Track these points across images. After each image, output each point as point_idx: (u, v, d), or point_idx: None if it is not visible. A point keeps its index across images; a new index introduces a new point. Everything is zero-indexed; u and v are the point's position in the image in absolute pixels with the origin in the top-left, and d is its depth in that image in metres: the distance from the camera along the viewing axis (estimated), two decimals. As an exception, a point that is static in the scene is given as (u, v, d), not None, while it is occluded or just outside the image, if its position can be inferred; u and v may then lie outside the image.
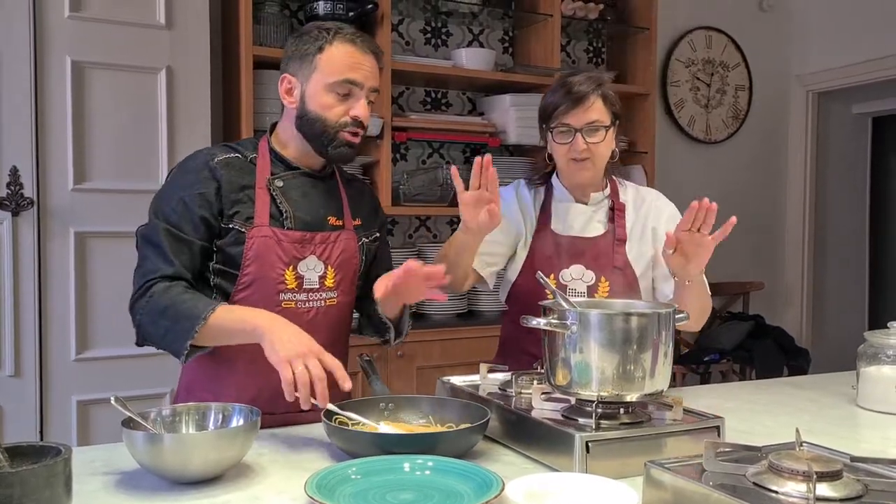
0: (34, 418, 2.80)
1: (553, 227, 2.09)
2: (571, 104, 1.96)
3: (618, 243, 2.08)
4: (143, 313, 1.66)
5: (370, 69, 1.74)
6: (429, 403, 1.65)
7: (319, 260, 1.78)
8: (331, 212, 1.83)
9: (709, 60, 4.96)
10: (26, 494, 1.06)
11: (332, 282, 1.81)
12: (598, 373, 1.41)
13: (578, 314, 1.42)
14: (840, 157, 5.39)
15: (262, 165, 1.79)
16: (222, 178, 1.73)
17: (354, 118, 1.74)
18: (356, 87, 1.73)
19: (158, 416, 1.47)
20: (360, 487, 1.25)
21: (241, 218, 1.73)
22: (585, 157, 1.99)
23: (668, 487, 1.19)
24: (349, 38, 1.73)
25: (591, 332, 1.41)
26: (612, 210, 2.12)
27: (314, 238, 1.78)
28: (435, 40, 4.07)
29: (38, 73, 2.81)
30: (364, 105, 1.74)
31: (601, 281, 2.03)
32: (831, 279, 5.36)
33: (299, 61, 1.76)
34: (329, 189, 1.87)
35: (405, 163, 3.98)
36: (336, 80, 1.72)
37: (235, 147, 1.82)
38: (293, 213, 1.76)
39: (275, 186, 1.77)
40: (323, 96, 1.73)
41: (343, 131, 1.74)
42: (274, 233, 1.73)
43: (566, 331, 1.43)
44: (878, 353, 1.93)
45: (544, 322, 1.45)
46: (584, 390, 1.43)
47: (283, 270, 1.74)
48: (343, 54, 1.72)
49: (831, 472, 1.10)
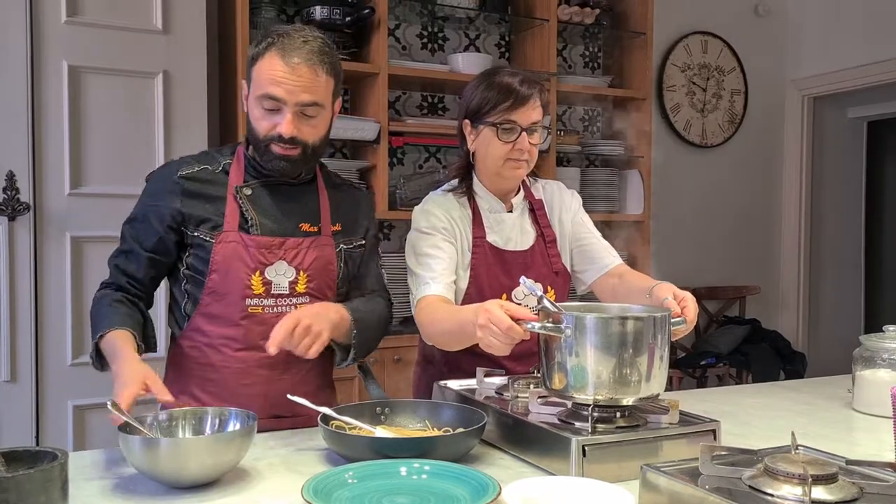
0: (30, 423, 2.80)
1: (490, 240, 1.99)
2: (517, 102, 1.89)
3: (549, 245, 2.03)
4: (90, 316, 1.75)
5: (298, 84, 1.67)
6: (425, 408, 1.65)
7: (290, 265, 1.77)
8: (304, 218, 1.82)
9: (704, 65, 4.97)
10: (22, 499, 1.06)
11: (304, 287, 1.79)
12: (594, 377, 1.41)
13: (574, 318, 1.42)
14: (836, 162, 5.40)
15: (234, 173, 1.80)
16: (186, 190, 1.76)
17: (279, 135, 1.70)
18: (280, 103, 1.68)
19: (155, 420, 1.47)
20: (357, 491, 1.25)
21: (207, 227, 1.75)
22: (525, 157, 1.93)
23: (665, 491, 1.19)
24: (279, 49, 1.67)
25: (587, 335, 1.41)
26: (532, 211, 2.06)
27: (283, 244, 1.77)
28: (431, 45, 4.08)
29: (35, 77, 2.81)
30: (288, 122, 1.68)
31: (548, 291, 1.97)
32: (827, 283, 5.37)
33: (248, 69, 1.75)
34: (304, 195, 1.85)
35: (402, 167, 3.98)
36: (260, 94, 1.69)
37: (212, 155, 1.84)
38: (259, 221, 1.76)
39: (242, 195, 1.77)
40: (254, 108, 1.72)
41: (273, 144, 1.72)
42: (241, 238, 1.74)
43: (561, 335, 1.43)
44: (873, 356, 1.94)
45: (539, 326, 1.45)
46: (580, 394, 1.43)
47: (249, 276, 1.74)
48: (268, 68, 1.67)
49: (827, 475, 1.10)
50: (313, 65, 1.68)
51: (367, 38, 3.58)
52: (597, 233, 2.10)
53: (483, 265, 1.96)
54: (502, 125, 1.90)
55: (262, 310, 1.75)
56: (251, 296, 1.74)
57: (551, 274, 2.01)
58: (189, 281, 1.79)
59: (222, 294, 1.75)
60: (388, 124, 3.57)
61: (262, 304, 1.75)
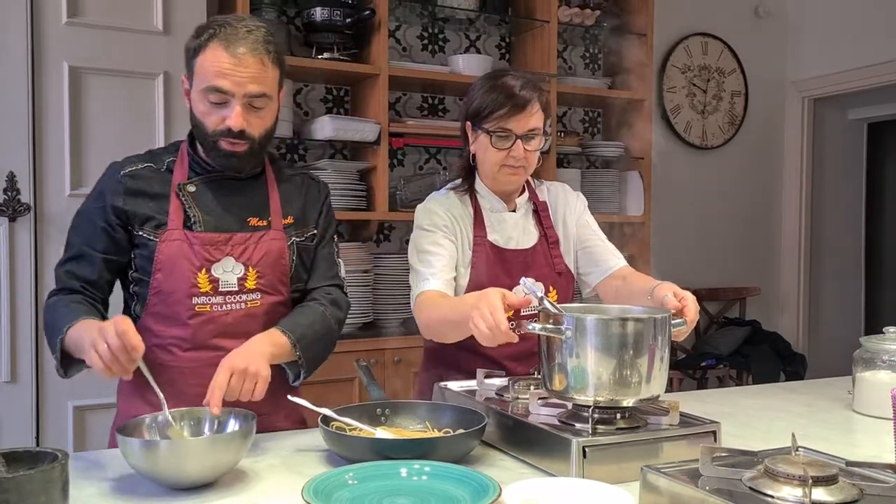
0: (30, 424, 2.80)
1: (491, 238, 1.99)
2: (513, 109, 1.88)
3: (552, 247, 2.03)
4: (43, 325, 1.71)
5: (245, 75, 1.62)
6: (426, 409, 1.65)
7: (238, 262, 1.73)
8: (252, 213, 1.78)
9: (705, 66, 4.97)
10: (23, 500, 1.06)
11: (254, 284, 1.75)
12: (594, 378, 1.41)
13: (575, 319, 1.42)
14: (836, 163, 5.40)
15: (178, 171, 1.76)
16: (129, 191, 1.72)
17: (228, 128, 1.65)
18: (227, 96, 1.63)
19: (154, 421, 1.48)
20: (357, 493, 1.25)
21: (151, 226, 1.71)
22: (521, 164, 1.92)
23: (665, 492, 1.19)
24: (222, 40, 1.62)
25: (588, 337, 1.41)
26: (537, 213, 2.06)
27: (230, 239, 1.73)
28: (432, 46, 4.08)
29: (36, 78, 2.81)
30: (237, 114, 1.64)
31: (550, 291, 1.98)
32: (827, 284, 5.37)
33: (187, 63, 1.69)
34: (252, 189, 1.81)
35: (402, 168, 3.98)
36: (205, 87, 1.64)
37: (154, 154, 1.81)
38: (202, 218, 1.72)
39: (185, 192, 1.73)
40: (199, 102, 1.67)
41: (221, 140, 1.67)
42: (185, 236, 1.70)
43: (562, 336, 1.43)
44: (873, 358, 1.94)
45: (539, 327, 1.45)
46: (580, 395, 1.43)
47: (194, 274, 1.70)
48: (213, 59, 1.62)
49: (827, 476, 1.11)
50: (259, 55, 1.64)
51: (368, 40, 3.58)
52: (601, 235, 2.10)
53: (483, 263, 1.96)
54: (496, 133, 1.90)
55: (211, 308, 1.71)
56: (198, 294, 1.70)
57: (553, 274, 2.01)
58: (136, 283, 1.75)
59: (168, 293, 1.70)
60: (388, 125, 3.57)
61: (210, 303, 1.71)
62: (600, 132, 4.59)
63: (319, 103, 3.79)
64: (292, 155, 3.74)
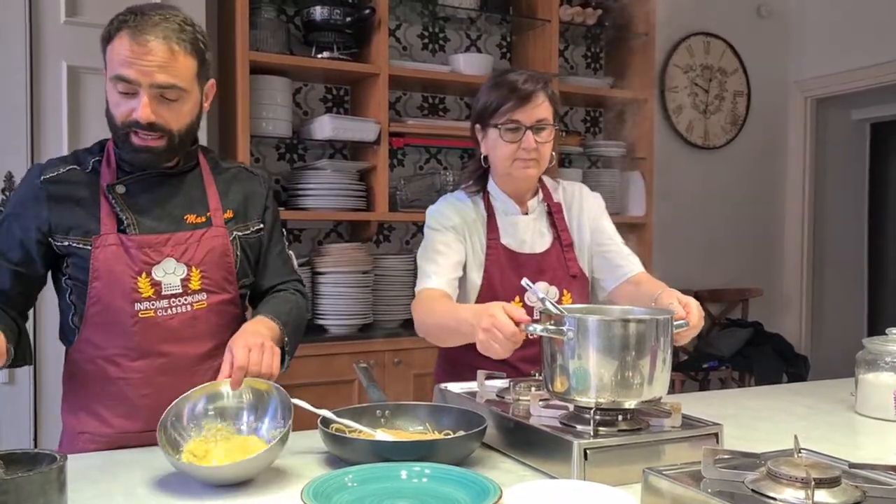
0: (28, 426, 2.79)
1: (504, 242, 1.99)
2: (519, 101, 1.88)
3: (567, 249, 2.03)
4: None
5: (152, 64, 1.53)
6: (426, 411, 1.64)
7: (179, 262, 1.65)
8: (187, 210, 1.70)
9: (707, 66, 4.96)
10: (21, 501, 1.06)
11: (199, 284, 1.67)
12: (597, 379, 1.40)
13: (576, 320, 1.41)
14: (839, 163, 5.39)
15: (105, 172, 1.67)
16: (51, 197, 1.63)
17: (136, 121, 1.56)
18: (134, 85, 1.55)
19: (192, 412, 1.49)
20: (357, 495, 1.24)
21: (78, 233, 1.62)
22: (533, 156, 1.92)
23: (667, 494, 1.18)
24: (130, 28, 1.54)
25: (589, 338, 1.40)
26: (550, 214, 2.06)
27: (169, 240, 1.65)
28: (432, 45, 4.07)
29: (34, 77, 2.81)
30: (144, 105, 1.55)
31: (563, 294, 1.98)
32: (830, 286, 5.36)
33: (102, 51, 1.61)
34: (187, 185, 1.72)
35: (402, 168, 3.98)
36: (112, 76, 1.56)
37: (79, 156, 1.71)
38: (135, 220, 1.64)
39: (115, 194, 1.64)
40: (110, 93, 1.59)
41: (131, 133, 1.58)
42: (120, 240, 1.62)
43: (563, 337, 1.41)
44: (876, 359, 1.93)
45: (541, 328, 1.44)
46: (581, 397, 1.42)
47: (134, 279, 1.61)
48: (119, 47, 1.54)
49: (829, 478, 1.10)
50: (169, 43, 1.55)
51: (368, 39, 3.57)
52: (618, 238, 2.09)
53: (496, 267, 1.96)
54: (505, 125, 1.90)
55: (155, 313, 1.63)
56: (140, 300, 1.62)
57: (568, 277, 2.00)
58: (73, 291, 1.66)
59: (107, 302, 1.62)
60: (388, 125, 3.56)
61: (153, 308, 1.63)
62: (602, 132, 4.59)
63: (319, 103, 3.79)
64: (291, 154, 3.73)
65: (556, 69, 3.93)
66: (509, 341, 1.48)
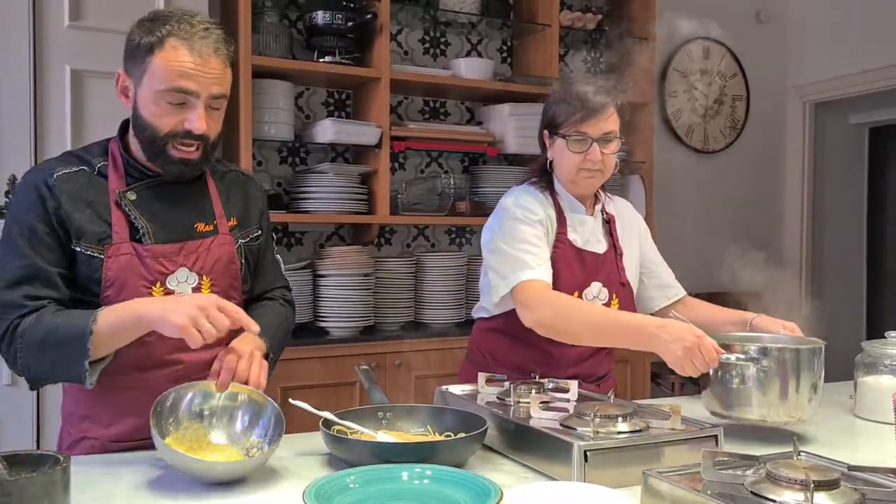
0: (31, 428, 2.79)
1: (570, 237, 2.02)
2: (589, 113, 1.93)
3: (619, 258, 2.08)
4: (22, 354, 1.50)
5: (210, 75, 1.54)
6: (427, 412, 1.64)
7: (192, 271, 1.63)
8: (198, 217, 1.68)
9: (706, 71, 4.97)
10: (25, 502, 1.07)
11: (208, 292, 1.64)
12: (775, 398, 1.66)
13: (763, 350, 1.67)
14: (837, 168, 5.39)
15: (113, 176, 1.62)
16: (63, 195, 1.56)
17: (188, 131, 1.55)
18: (191, 97, 1.53)
19: (188, 406, 1.50)
20: (358, 496, 1.24)
21: (89, 240, 1.56)
22: (598, 168, 1.96)
23: (667, 496, 1.19)
24: (184, 38, 1.52)
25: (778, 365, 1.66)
26: (608, 223, 2.11)
27: (182, 249, 1.62)
28: (434, 50, 4.08)
29: (38, 81, 2.82)
30: (200, 116, 1.54)
31: (613, 298, 2.03)
32: (829, 289, 5.36)
33: (132, 59, 1.56)
34: (195, 193, 1.70)
35: (403, 172, 3.98)
36: (166, 87, 1.52)
37: (82, 156, 1.65)
38: (150, 229, 1.60)
39: (127, 200, 1.60)
40: (152, 105, 1.54)
41: (173, 145, 1.56)
42: (135, 249, 1.58)
43: (757, 366, 1.64)
44: (875, 362, 1.94)
45: (735, 357, 1.65)
46: (747, 414, 1.68)
47: (148, 289, 1.58)
48: (175, 59, 1.51)
49: (829, 480, 1.10)
50: (220, 55, 1.56)
51: (370, 43, 3.58)
52: (663, 260, 2.23)
53: (563, 260, 1.99)
54: (572, 136, 1.95)
55: None
56: None
57: (618, 283, 2.05)
58: (77, 303, 1.58)
59: None
60: (389, 129, 3.57)
61: None
62: (602, 136, 4.58)
63: (321, 106, 3.79)
64: (293, 158, 3.74)
65: (556, 74, 3.94)
66: (706, 364, 1.65)
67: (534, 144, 2.17)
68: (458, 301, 3.74)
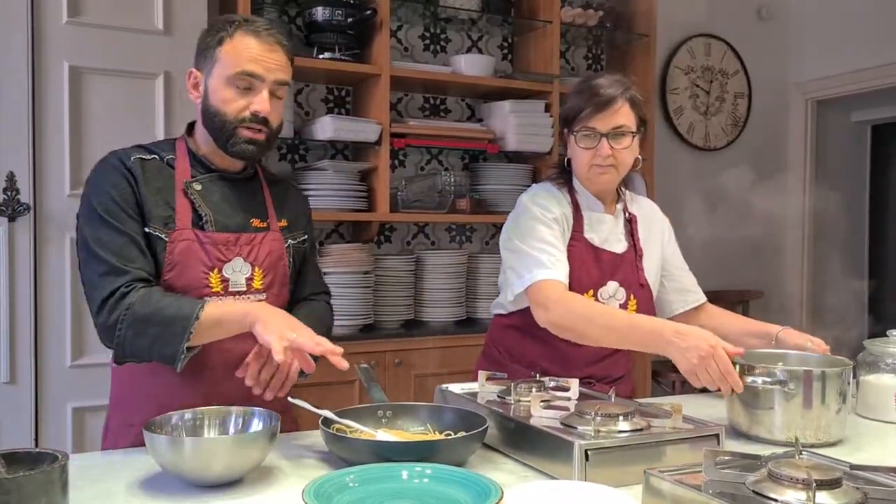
0: (29, 425, 2.79)
1: (587, 235, 2.02)
2: (597, 108, 1.91)
3: (638, 259, 2.07)
4: (123, 326, 1.57)
5: (274, 62, 1.68)
6: (427, 411, 1.64)
7: (246, 262, 1.73)
8: (253, 214, 1.79)
9: (708, 68, 4.96)
10: (23, 501, 1.06)
11: (261, 284, 1.75)
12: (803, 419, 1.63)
13: (788, 372, 1.64)
14: (839, 165, 5.39)
15: (181, 167, 1.73)
16: (139, 178, 1.67)
17: (255, 113, 1.67)
18: (257, 80, 1.67)
19: (180, 420, 1.48)
20: (358, 495, 1.24)
21: (157, 222, 1.66)
22: (610, 163, 1.94)
23: (668, 495, 1.18)
24: (251, 30, 1.68)
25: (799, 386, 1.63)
26: (629, 223, 2.10)
27: (238, 239, 1.73)
28: (434, 46, 4.07)
29: (36, 78, 2.81)
30: (264, 98, 1.67)
31: (630, 299, 2.01)
32: (831, 287, 5.35)
33: (203, 55, 1.71)
34: (251, 191, 1.82)
35: (403, 169, 3.97)
36: (235, 72, 1.66)
37: (151, 148, 1.75)
38: (213, 217, 1.71)
39: (193, 190, 1.71)
40: (223, 90, 1.68)
41: (242, 127, 1.68)
42: (196, 236, 1.68)
43: (784, 388, 1.62)
44: (877, 361, 1.93)
45: (761, 381, 1.63)
46: (773, 435, 1.64)
47: (206, 274, 1.68)
48: (243, 46, 1.66)
49: (831, 479, 1.10)
50: (282, 46, 1.71)
51: (369, 40, 3.57)
52: (685, 264, 2.22)
53: (578, 259, 1.98)
54: (581, 132, 1.94)
55: None
56: (210, 294, 1.67)
57: (636, 284, 2.04)
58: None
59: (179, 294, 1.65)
60: (389, 126, 3.56)
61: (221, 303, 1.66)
62: (602, 133, 4.58)
63: (320, 103, 3.79)
64: (293, 155, 3.73)
65: (557, 71, 3.93)
66: (721, 377, 1.62)
67: (535, 142, 2.17)
68: (458, 299, 3.73)
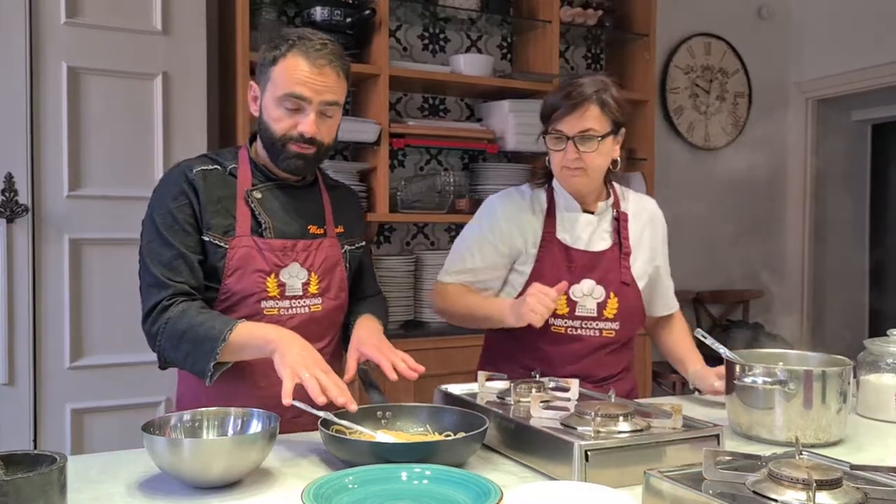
0: (28, 427, 2.79)
1: (559, 236, 2.02)
2: (566, 110, 1.90)
3: (624, 257, 2.05)
4: (162, 338, 1.67)
5: (323, 84, 1.71)
6: (426, 412, 1.63)
7: (303, 267, 1.80)
8: (311, 221, 1.85)
9: (708, 67, 4.96)
10: (21, 503, 1.06)
11: (317, 288, 1.82)
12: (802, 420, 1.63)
13: (788, 372, 1.64)
14: (839, 164, 5.38)
15: (242, 176, 1.80)
16: (200, 189, 1.74)
17: (301, 133, 1.72)
18: (304, 102, 1.71)
19: (179, 421, 1.48)
20: (358, 496, 1.24)
21: (217, 230, 1.74)
22: (577, 166, 1.93)
23: (668, 496, 1.18)
24: (303, 51, 1.70)
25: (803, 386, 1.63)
26: (617, 220, 2.08)
27: (295, 246, 1.79)
28: (433, 46, 4.07)
29: (34, 78, 2.80)
30: (311, 121, 1.71)
31: (610, 297, 2.00)
32: (831, 287, 5.35)
33: (260, 70, 1.77)
34: (309, 198, 1.88)
35: (403, 169, 3.97)
36: (283, 93, 1.70)
37: (215, 158, 1.83)
38: (272, 224, 1.78)
39: (253, 198, 1.78)
40: (273, 109, 1.73)
41: (291, 143, 1.73)
42: (255, 242, 1.75)
43: (785, 388, 1.62)
44: (877, 361, 1.92)
45: (761, 381, 1.63)
46: (773, 436, 1.65)
47: (264, 279, 1.75)
48: (293, 68, 1.70)
49: (831, 480, 1.10)
50: (335, 66, 1.73)
51: (368, 40, 3.57)
52: (668, 272, 2.22)
53: (548, 258, 2.00)
54: (550, 134, 1.95)
55: (278, 311, 1.77)
56: (266, 298, 1.76)
57: (618, 282, 2.02)
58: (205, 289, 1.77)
59: (237, 299, 1.75)
60: (388, 126, 3.56)
61: (277, 307, 1.77)
62: (602, 133, 4.57)
63: (320, 104, 3.78)
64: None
65: (556, 70, 3.93)
66: (550, 304, 1.77)
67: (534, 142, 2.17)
68: (458, 299, 3.72)
